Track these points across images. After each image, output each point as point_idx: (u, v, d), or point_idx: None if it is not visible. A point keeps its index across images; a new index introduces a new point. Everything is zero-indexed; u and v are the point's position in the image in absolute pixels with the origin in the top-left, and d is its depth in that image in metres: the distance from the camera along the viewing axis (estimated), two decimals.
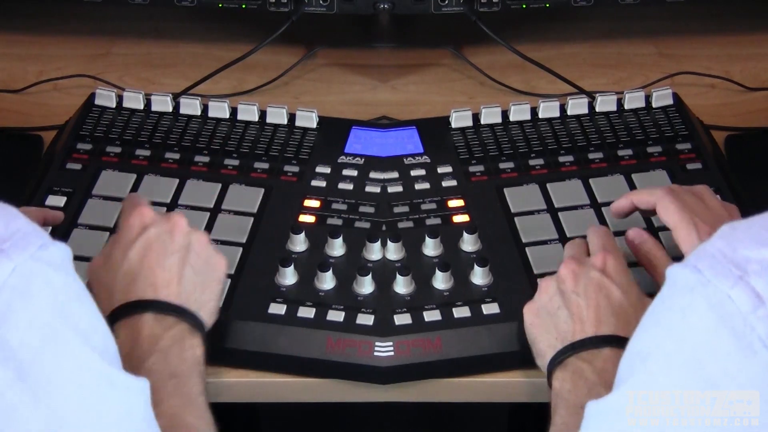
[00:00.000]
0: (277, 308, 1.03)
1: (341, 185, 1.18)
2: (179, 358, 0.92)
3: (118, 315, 0.93)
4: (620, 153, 1.20)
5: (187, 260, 0.97)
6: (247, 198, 1.16)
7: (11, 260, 0.68)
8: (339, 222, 1.13)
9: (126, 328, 0.93)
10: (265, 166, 1.20)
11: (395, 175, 1.19)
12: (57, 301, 0.70)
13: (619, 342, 0.90)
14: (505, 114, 1.26)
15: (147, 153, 1.21)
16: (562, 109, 1.26)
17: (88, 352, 0.71)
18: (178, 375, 0.91)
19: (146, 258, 0.95)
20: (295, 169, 1.20)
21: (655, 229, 1.09)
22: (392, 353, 1.01)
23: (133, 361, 0.91)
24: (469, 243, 1.09)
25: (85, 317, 0.72)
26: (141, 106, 1.27)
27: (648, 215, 1.08)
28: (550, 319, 0.96)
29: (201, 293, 0.97)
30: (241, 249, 1.10)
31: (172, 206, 1.14)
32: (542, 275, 1.06)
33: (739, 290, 0.69)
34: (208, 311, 0.97)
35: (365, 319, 1.02)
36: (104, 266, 0.98)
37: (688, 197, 1.01)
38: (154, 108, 1.26)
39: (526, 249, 1.10)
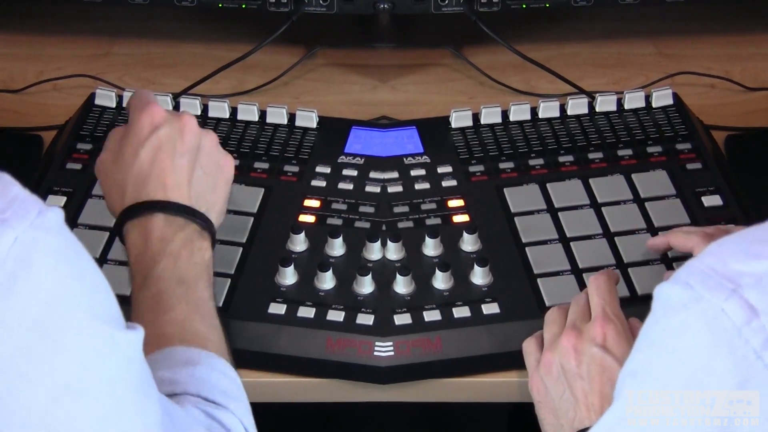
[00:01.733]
0: (277, 308, 1.03)
1: (341, 185, 1.18)
2: (189, 263, 0.94)
3: (129, 215, 0.95)
4: (620, 153, 1.20)
5: (198, 161, 0.98)
6: (247, 198, 1.16)
7: (13, 230, 0.69)
8: (339, 222, 1.13)
9: (137, 228, 0.95)
10: (265, 166, 1.20)
11: (395, 175, 1.19)
12: (59, 267, 0.70)
13: None
14: (505, 114, 1.26)
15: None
16: (562, 109, 1.26)
17: (90, 316, 0.72)
18: (187, 281, 0.93)
19: (157, 158, 0.96)
20: (295, 169, 1.20)
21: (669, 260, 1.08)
22: (392, 353, 1.01)
23: (144, 264, 0.93)
24: (469, 243, 1.09)
25: (86, 279, 0.73)
26: None
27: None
28: (556, 402, 0.95)
29: (210, 194, 0.99)
30: (241, 249, 1.10)
31: None
32: (542, 275, 1.06)
33: (732, 303, 0.68)
34: (216, 212, 0.99)
35: (365, 319, 1.02)
36: (114, 164, 0.98)
37: None
38: None
39: (526, 249, 1.10)
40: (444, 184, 1.18)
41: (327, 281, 1.05)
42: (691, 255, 1.01)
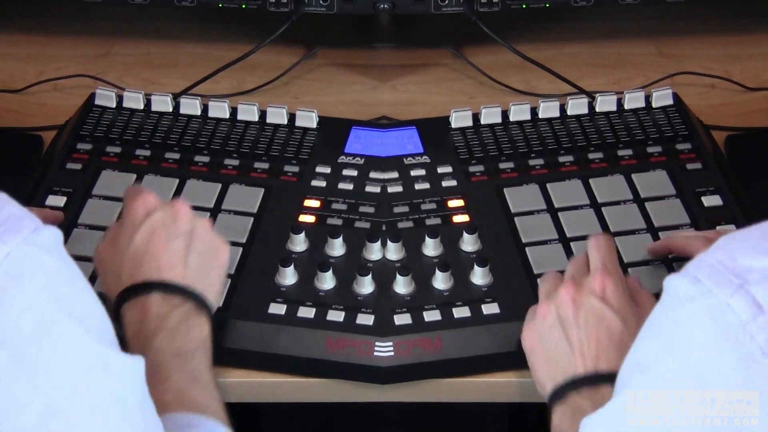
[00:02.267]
0: (277, 308, 1.03)
1: (341, 185, 1.18)
2: (186, 337, 0.93)
3: (126, 296, 0.95)
4: (620, 153, 1.20)
5: (192, 245, 0.98)
6: (247, 198, 1.16)
7: (5, 245, 0.68)
8: (339, 222, 1.13)
9: (133, 308, 0.94)
10: (265, 166, 1.20)
11: (395, 175, 1.19)
12: (51, 285, 0.70)
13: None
14: (505, 114, 1.26)
15: (147, 153, 1.21)
16: (562, 109, 1.26)
17: (83, 334, 0.71)
18: (183, 354, 0.92)
19: (151, 241, 0.97)
20: (295, 169, 1.20)
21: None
22: (392, 353, 1.01)
23: (140, 340, 0.92)
24: (469, 243, 1.09)
25: (79, 299, 0.73)
26: (141, 106, 1.27)
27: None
28: (551, 350, 0.95)
29: (206, 276, 0.98)
30: (241, 249, 1.10)
31: None
32: (542, 275, 1.06)
33: (738, 298, 0.68)
34: (213, 293, 0.99)
35: (365, 319, 1.02)
36: (110, 249, 0.99)
37: None
38: (154, 108, 1.27)
39: (526, 249, 1.10)
40: (444, 184, 1.18)
41: (327, 281, 1.05)
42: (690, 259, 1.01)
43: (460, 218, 1.13)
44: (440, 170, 1.20)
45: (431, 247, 1.09)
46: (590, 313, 0.94)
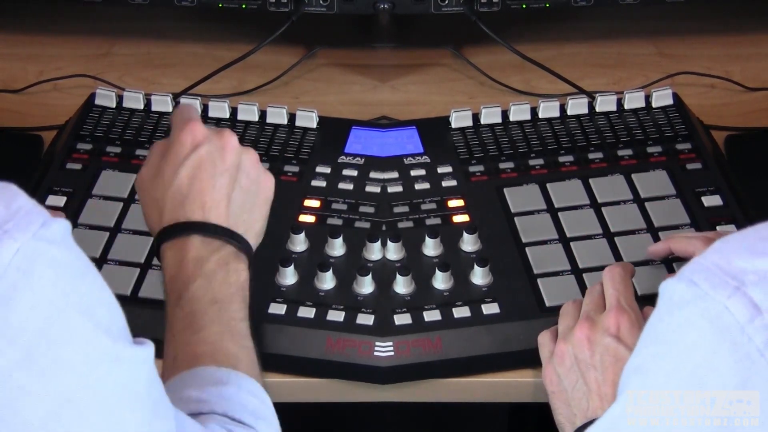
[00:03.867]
0: (277, 308, 1.03)
1: (341, 185, 1.18)
2: (223, 283, 0.93)
3: (166, 235, 0.95)
4: (620, 153, 1.20)
5: (237, 180, 0.98)
6: None
7: (15, 240, 0.68)
8: (339, 222, 1.13)
9: (173, 249, 0.94)
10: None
11: (395, 175, 1.19)
12: (61, 280, 0.70)
13: None
14: (505, 114, 1.26)
15: (147, 153, 1.20)
16: (562, 109, 1.26)
17: (92, 329, 0.71)
18: (220, 300, 0.92)
19: (197, 178, 0.96)
20: (295, 169, 1.20)
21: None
22: (392, 353, 1.01)
23: (177, 285, 0.93)
24: (469, 243, 1.09)
25: (89, 293, 0.72)
26: (141, 106, 1.27)
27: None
28: (570, 392, 0.95)
29: (249, 214, 0.98)
30: None
31: None
32: (542, 275, 1.06)
33: (735, 301, 0.68)
34: (254, 232, 0.98)
35: (365, 319, 1.02)
36: (154, 181, 0.98)
37: None
38: (154, 108, 1.27)
39: (526, 249, 1.10)
40: (444, 184, 1.18)
41: (327, 281, 1.05)
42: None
43: (460, 218, 1.13)
44: (440, 170, 1.20)
45: (431, 247, 1.09)
46: (606, 353, 0.93)
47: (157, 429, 0.75)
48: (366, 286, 1.05)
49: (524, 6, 1.38)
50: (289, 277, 1.06)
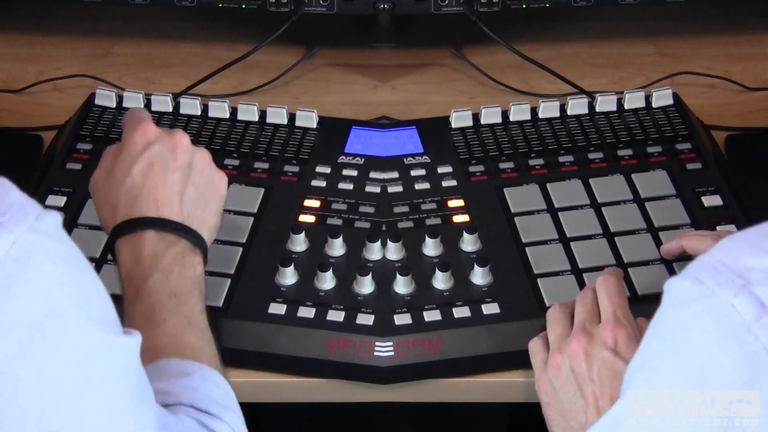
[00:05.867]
0: (277, 308, 1.03)
1: (341, 185, 1.18)
2: (180, 277, 0.94)
3: (121, 231, 0.95)
4: (620, 153, 1.20)
5: (190, 177, 0.98)
6: (247, 198, 1.16)
7: (11, 233, 0.69)
8: (339, 222, 1.13)
9: (128, 245, 0.95)
10: (265, 166, 1.20)
11: (395, 175, 1.19)
12: (56, 271, 0.71)
13: None
14: (505, 114, 1.26)
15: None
16: (562, 109, 1.26)
17: (86, 320, 0.72)
18: (179, 294, 0.93)
19: (149, 175, 0.96)
20: (295, 169, 1.20)
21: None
22: (392, 353, 1.01)
23: (134, 280, 0.93)
24: (469, 243, 1.09)
25: (83, 284, 0.73)
26: (141, 106, 1.27)
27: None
28: (566, 404, 0.94)
29: (202, 211, 0.99)
30: (241, 249, 1.10)
31: None
32: (542, 275, 1.06)
33: (742, 299, 0.68)
34: (208, 229, 0.99)
35: (365, 319, 1.02)
36: (106, 181, 0.99)
37: None
38: (154, 108, 1.27)
39: (526, 249, 1.10)
40: (444, 184, 1.18)
41: (327, 281, 1.05)
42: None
43: (460, 218, 1.13)
44: (440, 170, 1.20)
45: (431, 247, 1.09)
46: (603, 366, 0.93)
47: (142, 414, 0.76)
48: (366, 286, 1.05)
49: (524, 6, 1.38)
50: (289, 277, 1.06)
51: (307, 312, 1.03)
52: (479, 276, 1.06)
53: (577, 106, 1.26)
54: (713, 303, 0.69)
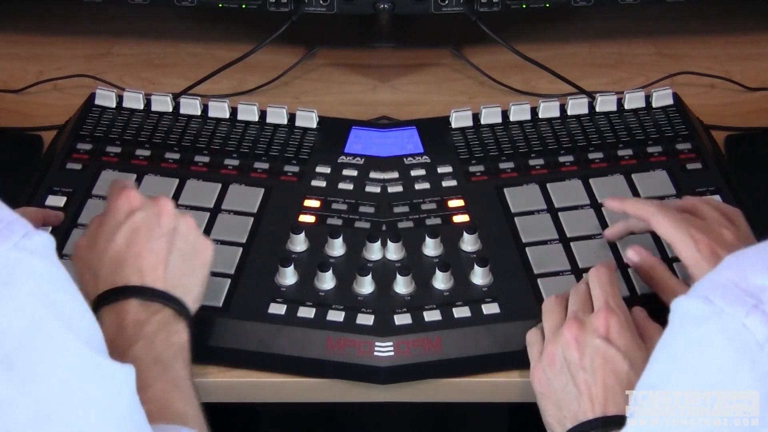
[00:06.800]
0: (277, 308, 1.03)
1: (341, 185, 1.18)
2: (165, 344, 0.92)
3: (104, 300, 0.94)
4: (620, 153, 1.20)
5: (174, 244, 0.97)
6: (247, 198, 1.16)
7: None
8: (339, 222, 1.13)
9: (111, 313, 0.93)
10: (265, 166, 1.20)
11: (395, 175, 1.19)
12: (41, 290, 0.70)
13: (625, 422, 0.89)
14: (505, 114, 1.26)
15: (147, 153, 1.21)
16: (562, 109, 1.26)
17: (73, 339, 0.71)
18: (163, 361, 0.91)
19: (133, 242, 0.95)
20: (295, 169, 1.20)
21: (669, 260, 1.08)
22: (392, 353, 1.01)
23: (118, 347, 0.91)
24: (469, 243, 1.09)
25: (69, 305, 0.72)
26: (141, 106, 1.27)
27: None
28: (559, 394, 0.94)
29: (187, 278, 0.97)
30: (241, 249, 1.10)
31: None
32: (542, 275, 1.06)
33: (754, 318, 0.68)
34: (193, 297, 0.97)
35: (365, 319, 1.02)
36: (89, 249, 0.97)
37: (679, 213, 1.01)
38: (154, 108, 1.27)
39: (526, 249, 1.10)
40: (444, 184, 1.18)
41: (327, 281, 1.05)
42: (645, 224, 1.03)
43: (460, 218, 1.13)
44: (440, 170, 1.20)
45: (431, 247, 1.09)
46: (595, 354, 0.93)
47: None
48: (366, 286, 1.05)
49: (524, 6, 1.38)
50: (289, 277, 1.06)
51: (307, 312, 1.03)
52: (479, 276, 1.06)
53: (577, 106, 1.26)
54: (724, 322, 0.68)
